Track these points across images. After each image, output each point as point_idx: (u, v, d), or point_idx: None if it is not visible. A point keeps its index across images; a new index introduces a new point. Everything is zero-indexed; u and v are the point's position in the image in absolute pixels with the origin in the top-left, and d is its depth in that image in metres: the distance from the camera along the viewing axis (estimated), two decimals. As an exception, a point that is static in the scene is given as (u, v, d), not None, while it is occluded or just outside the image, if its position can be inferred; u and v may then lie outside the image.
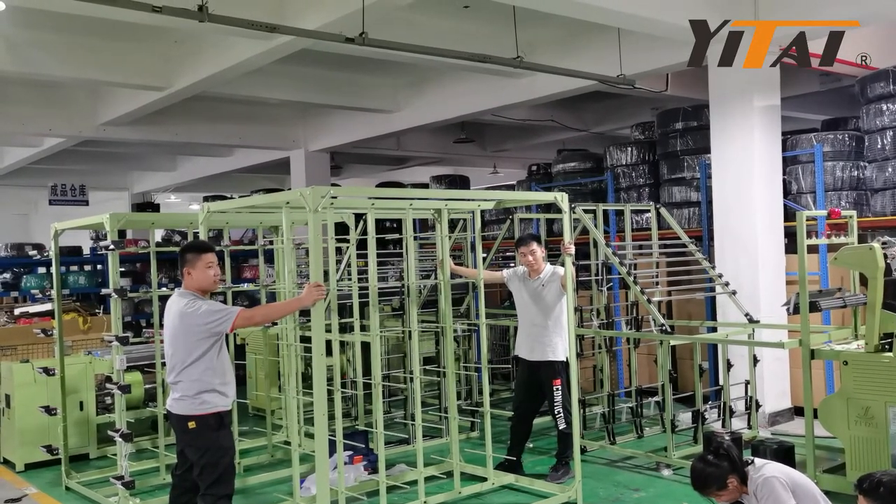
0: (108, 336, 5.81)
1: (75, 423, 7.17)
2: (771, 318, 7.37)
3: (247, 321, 4.49)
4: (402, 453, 6.85)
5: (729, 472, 4.08)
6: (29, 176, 17.52)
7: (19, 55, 8.61)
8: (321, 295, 4.38)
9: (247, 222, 7.80)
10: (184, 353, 4.42)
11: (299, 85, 10.89)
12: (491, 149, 16.53)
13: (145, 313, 12.15)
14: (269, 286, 7.49)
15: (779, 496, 3.95)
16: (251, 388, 8.69)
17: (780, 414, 7.74)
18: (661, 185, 9.95)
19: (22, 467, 7.07)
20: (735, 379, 7.02)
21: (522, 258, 6.19)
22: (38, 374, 6.99)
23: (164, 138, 13.28)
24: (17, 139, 14.11)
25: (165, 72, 9.49)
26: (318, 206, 4.36)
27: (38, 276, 12.17)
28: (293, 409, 5.18)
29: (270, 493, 6.10)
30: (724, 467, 4.08)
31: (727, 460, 4.11)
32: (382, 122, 12.49)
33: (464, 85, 10.86)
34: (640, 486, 6.02)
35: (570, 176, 11.56)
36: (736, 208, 7.78)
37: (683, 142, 9.55)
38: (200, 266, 4.52)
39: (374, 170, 19.22)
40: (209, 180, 19.10)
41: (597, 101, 12.85)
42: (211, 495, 4.40)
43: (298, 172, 14.64)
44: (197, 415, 4.39)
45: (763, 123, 7.72)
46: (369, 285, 5.40)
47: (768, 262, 7.70)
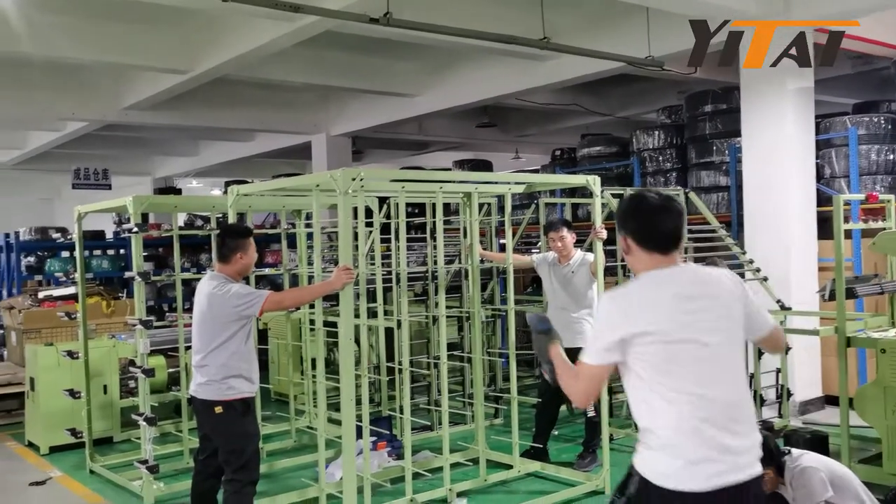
0: (132, 320, 5.78)
1: (99, 406, 7.17)
2: (802, 305, 7.22)
3: (276, 305, 4.44)
4: (425, 440, 6.79)
5: (765, 463, 3.96)
6: (52, 161, 17.59)
7: (42, 38, 8.58)
8: (350, 278, 4.31)
9: (270, 206, 7.75)
10: (211, 336, 4.38)
11: (321, 68, 10.80)
12: (513, 133, 16.38)
13: (168, 297, 12.18)
14: (291, 270, 7.44)
15: (814, 488, 3.84)
16: (274, 373, 8.67)
17: (811, 403, 7.60)
18: (689, 170, 9.78)
19: (46, 450, 7.09)
20: (764, 367, 6.88)
21: (552, 243, 6.08)
22: (62, 357, 7.00)
23: (186, 122, 13.26)
24: (41, 123, 14.15)
25: (188, 55, 9.44)
26: (349, 188, 4.28)
27: (62, 260, 12.23)
28: (321, 394, 5.11)
29: (295, 478, 6.06)
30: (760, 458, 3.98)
31: (763, 451, 4.00)
32: (405, 106, 12.38)
33: (487, 68, 10.72)
34: (668, 476, 5.91)
35: (595, 160, 11.40)
36: (767, 193, 7.61)
37: (713, 125, 9.37)
38: (251, 250, 4.53)
39: (396, 155, 19.13)
40: (230, 165, 19.10)
41: (621, 85, 12.65)
42: (237, 481, 4.36)
43: (320, 157, 14.58)
44: (224, 400, 4.35)
45: (796, 106, 7.54)
46: (399, 270, 5.33)
47: (800, 247, 7.55)
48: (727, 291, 2.64)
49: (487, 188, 6.25)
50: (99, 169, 16.17)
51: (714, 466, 2.44)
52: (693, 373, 2.50)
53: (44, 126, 14.42)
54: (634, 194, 2.76)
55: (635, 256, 2.67)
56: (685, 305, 2.54)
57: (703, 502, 2.43)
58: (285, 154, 17.20)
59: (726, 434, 2.48)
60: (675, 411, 2.49)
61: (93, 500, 5.85)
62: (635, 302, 2.59)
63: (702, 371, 2.50)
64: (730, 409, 2.52)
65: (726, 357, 2.56)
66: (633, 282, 2.70)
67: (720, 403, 2.50)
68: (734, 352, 2.60)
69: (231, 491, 4.37)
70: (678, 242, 2.64)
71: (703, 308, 2.55)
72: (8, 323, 9.65)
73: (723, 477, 2.44)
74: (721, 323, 2.57)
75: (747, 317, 2.66)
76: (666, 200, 2.65)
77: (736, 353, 2.60)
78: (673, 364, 2.51)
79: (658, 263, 2.62)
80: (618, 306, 2.62)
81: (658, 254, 2.62)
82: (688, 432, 2.46)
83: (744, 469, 2.49)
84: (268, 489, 5.71)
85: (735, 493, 2.45)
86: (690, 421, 2.47)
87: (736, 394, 2.55)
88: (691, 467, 2.44)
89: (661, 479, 2.48)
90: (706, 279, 2.65)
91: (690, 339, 2.51)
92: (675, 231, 2.63)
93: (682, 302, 2.55)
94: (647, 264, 2.64)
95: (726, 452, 2.47)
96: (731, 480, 2.45)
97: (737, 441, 2.50)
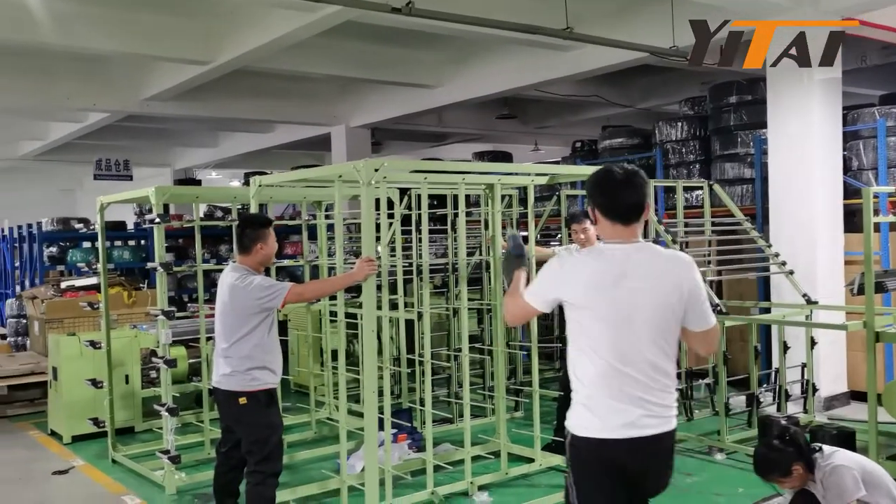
0: (154, 310, 5.78)
1: (121, 396, 7.20)
2: (828, 299, 7.11)
3: (298, 297, 4.42)
4: (445, 432, 6.76)
5: (794, 459, 3.91)
6: (74, 151, 17.70)
7: (64, 29, 8.60)
8: (373, 270, 4.28)
9: (290, 197, 7.73)
10: (233, 328, 4.36)
11: (341, 59, 10.76)
12: (533, 125, 16.28)
13: (187, 288, 12.24)
14: (311, 261, 7.43)
15: (845, 487, 3.78)
16: (293, 365, 8.68)
17: (836, 398, 7.50)
18: (713, 162, 9.66)
19: (69, 439, 7.14)
20: (790, 362, 6.79)
21: (575, 235, 6.01)
22: (84, 347, 7.03)
23: (206, 114, 13.28)
24: (63, 114, 14.22)
25: (208, 45, 9.44)
26: (372, 179, 4.24)
27: (84, 250, 12.31)
28: (342, 385, 5.10)
29: (315, 469, 6.06)
30: (790, 453, 3.92)
31: (793, 446, 3.94)
32: (424, 97, 12.32)
33: (508, 59, 10.63)
34: (692, 471, 5.86)
35: (616, 152, 11.29)
36: (793, 185, 7.50)
37: (737, 116, 9.24)
38: (271, 240, 4.50)
39: (415, 146, 19.08)
40: (249, 157, 19.15)
41: (643, 76, 12.52)
42: (259, 472, 4.35)
43: (339, 148, 14.57)
44: (248, 391, 4.33)
45: (823, 97, 7.41)
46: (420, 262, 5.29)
47: (827, 241, 7.43)
48: (671, 277, 2.86)
49: (510, 179, 6.19)
50: (120, 160, 16.26)
51: (622, 418, 2.80)
52: (611, 341, 2.80)
53: (65, 117, 14.50)
54: (601, 169, 2.95)
55: (601, 226, 2.92)
56: (616, 281, 2.80)
57: (613, 448, 2.82)
58: (304, 146, 17.21)
59: (636, 397, 2.80)
60: (595, 373, 2.82)
61: (115, 489, 5.88)
62: (572, 271, 2.89)
63: (620, 341, 2.79)
64: (642, 378, 2.81)
65: (647, 333, 2.81)
66: (582, 252, 3.07)
67: (635, 372, 2.80)
68: (658, 329, 2.83)
69: (253, 483, 4.36)
70: (639, 215, 2.87)
71: (633, 287, 2.80)
72: (31, 313, 9.73)
73: (630, 430, 2.80)
74: (649, 302, 2.81)
75: (688, 308, 2.88)
76: (630, 175, 2.87)
77: (659, 331, 2.83)
78: (594, 331, 2.82)
79: (620, 234, 2.86)
80: (560, 269, 2.93)
81: (620, 224, 2.86)
82: (604, 392, 2.81)
83: (653, 427, 2.82)
84: (288, 480, 5.71)
85: (642, 443, 2.81)
86: (607, 382, 2.80)
87: (651, 367, 2.82)
88: (605, 420, 2.81)
89: (581, 431, 2.87)
90: (649, 260, 2.86)
91: (614, 311, 2.79)
92: (637, 204, 2.86)
93: (614, 278, 2.80)
94: (609, 234, 2.88)
95: (637, 410, 2.80)
96: (641, 434, 2.81)
97: (646, 402, 2.81)
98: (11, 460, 6.81)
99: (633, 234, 2.87)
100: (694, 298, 2.88)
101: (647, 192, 2.92)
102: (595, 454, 2.86)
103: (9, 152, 18.55)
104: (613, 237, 2.87)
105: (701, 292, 2.91)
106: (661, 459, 2.95)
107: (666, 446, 2.92)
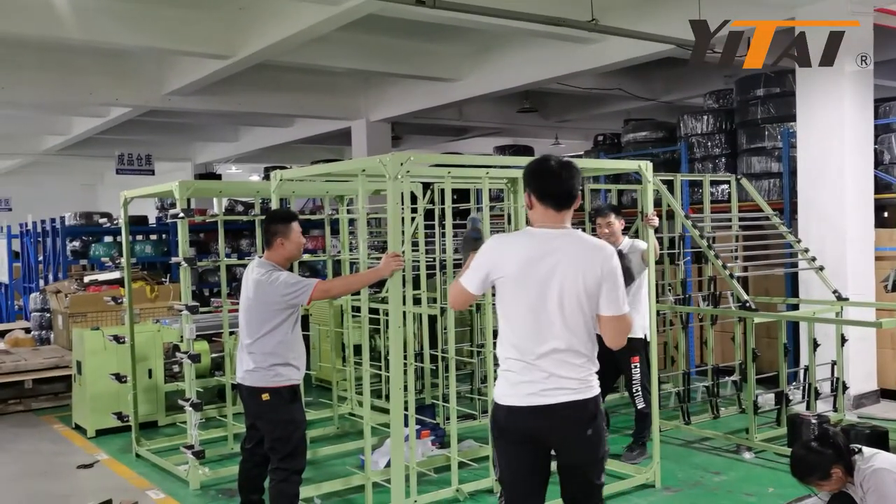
0: (178, 305, 5.77)
1: (144, 390, 7.21)
2: (858, 295, 6.98)
3: (324, 293, 4.39)
4: (468, 428, 6.71)
5: (834, 461, 3.80)
6: (96, 146, 17.79)
7: (87, 23, 8.61)
8: (399, 266, 4.23)
9: (312, 192, 7.69)
10: (258, 324, 4.33)
11: (362, 53, 10.72)
12: (553, 119, 16.15)
13: (209, 283, 12.26)
14: (334, 256, 7.40)
15: (887, 491, 3.67)
16: (315, 360, 8.65)
17: (866, 396, 7.38)
18: (739, 155, 9.52)
19: (93, 433, 7.16)
20: (819, 360, 6.67)
21: (600, 230, 5.92)
22: (108, 341, 7.05)
23: (227, 108, 13.28)
24: (85, 109, 14.29)
25: (230, 40, 9.43)
26: (398, 173, 4.18)
27: (107, 245, 12.35)
28: (365, 381, 5.06)
29: (338, 465, 6.04)
30: (829, 455, 3.81)
31: (833, 448, 3.83)
32: (445, 91, 12.24)
33: (530, 52, 10.52)
34: (720, 469, 5.77)
35: (640, 146, 11.17)
36: (823, 179, 7.36)
37: (764, 109, 9.10)
38: (294, 235, 4.45)
39: (434, 140, 19.01)
40: (269, 151, 19.16)
41: (666, 69, 12.34)
42: (283, 469, 4.32)
43: (360, 143, 14.52)
44: (271, 387, 4.30)
45: (854, 89, 7.27)
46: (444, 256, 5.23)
47: (857, 236, 7.30)
48: (591, 261, 3.07)
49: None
50: (142, 154, 16.31)
51: (530, 388, 3.07)
52: (525, 317, 3.08)
53: (87, 112, 14.57)
54: (538, 158, 3.22)
55: (535, 210, 3.16)
56: (534, 262, 3.06)
57: (519, 414, 3.10)
58: (324, 140, 17.18)
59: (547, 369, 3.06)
60: (511, 346, 3.12)
61: (139, 483, 5.88)
62: (500, 251, 3.18)
63: (535, 317, 3.06)
64: (552, 353, 3.06)
65: (558, 310, 3.05)
66: (512, 234, 3.49)
67: (546, 347, 3.05)
68: (570, 307, 3.05)
69: (277, 479, 4.34)
70: (570, 202, 3.13)
71: (550, 268, 3.05)
72: (55, 307, 9.78)
73: (536, 398, 3.07)
74: (563, 283, 3.04)
75: (601, 293, 3.08)
76: (563, 165, 3.13)
77: (571, 309, 3.05)
78: (512, 307, 3.12)
79: (551, 219, 3.13)
80: (490, 250, 3.22)
81: (552, 210, 3.12)
82: (517, 362, 3.10)
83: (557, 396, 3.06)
84: (311, 476, 5.69)
85: (546, 410, 3.06)
86: (521, 355, 3.08)
87: (562, 341, 3.06)
88: (515, 388, 3.11)
89: (499, 398, 3.18)
90: (573, 244, 3.11)
91: (528, 289, 3.06)
92: (567, 192, 3.11)
93: (533, 259, 3.07)
94: (542, 218, 3.14)
95: (543, 382, 3.06)
96: (543, 402, 3.06)
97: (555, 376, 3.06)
98: (37, 454, 6.84)
99: (562, 220, 3.13)
100: (610, 284, 3.08)
101: (578, 183, 3.14)
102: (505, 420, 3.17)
103: (32, 147, 18.71)
104: (544, 221, 3.13)
105: (617, 279, 3.11)
106: (567, 427, 3.11)
107: (572, 415, 3.09)
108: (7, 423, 7.83)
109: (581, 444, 3.13)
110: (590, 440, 3.13)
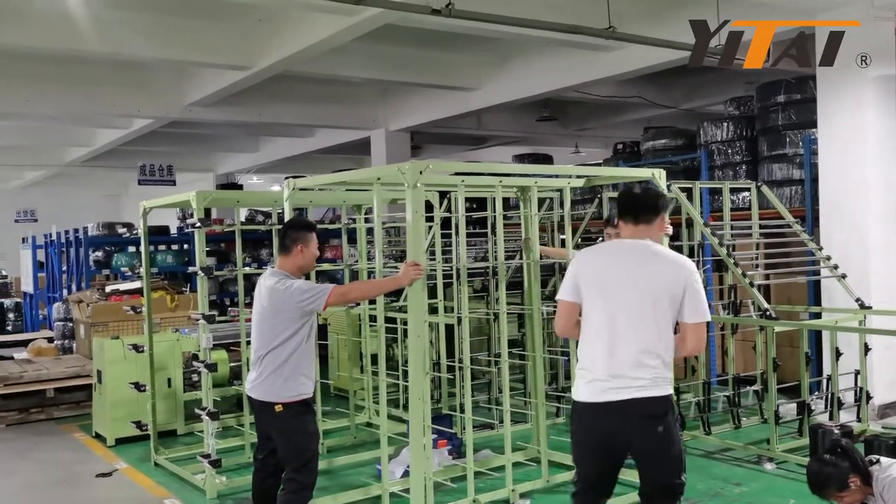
0: (195, 314, 5.80)
1: (163, 399, 7.25)
2: (883, 303, 6.86)
3: (341, 298, 4.35)
4: (485, 438, 6.67)
5: (849, 473, 3.75)
6: (119, 157, 18.02)
7: (108, 36, 8.73)
8: (419, 275, 4.21)
9: (329, 201, 7.71)
10: (272, 334, 4.31)
11: (380, 63, 10.76)
12: (573, 127, 16.11)
13: (230, 292, 12.32)
14: (351, 266, 7.40)
15: (907, 500, 3.60)
16: (333, 369, 8.66)
17: (890, 406, 7.24)
18: (760, 163, 9.43)
19: (113, 442, 7.21)
20: (843, 369, 6.56)
21: (608, 238, 5.88)
22: (127, 350, 7.09)
23: (247, 119, 13.41)
24: (108, 121, 14.48)
25: (249, 51, 9.51)
26: (417, 181, 4.16)
27: (128, 255, 12.46)
28: (382, 390, 5.04)
29: (354, 475, 6.02)
30: (844, 467, 3.76)
31: (847, 460, 3.77)
32: (464, 100, 12.26)
33: (549, 60, 10.51)
34: (741, 480, 5.69)
35: (660, 153, 11.10)
36: (845, 186, 7.26)
37: (785, 116, 9.01)
38: (312, 245, 4.44)
39: (453, 150, 19.03)
40: (290, 161, 19.28)
41: (686, 76, 12.30)
42: (297, 481, 4.29)
43: (379, 152, 14.57)
44: (284, 401, 4.27)
45: (877, 95, 7.17)
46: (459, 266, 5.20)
47: (880, 243, 7.19)
48: (660, 272, 3.45)
49: (546, 182, 6.08)
50: (164, 165, 16.49)
51: (603, 385, 3.40)
52: (604, 319, 3.45)
53: (110, 123, 14.75)
54: (627, 185, 3.99)
55: (620, 225, 3.67)
56: (613, 269, 3.51)
57: (593, 410, 3.44)
58: (344, 150, 17.27)
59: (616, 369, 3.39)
60: (588, 345, 3.50)
61: (157, 492, 5.91)
62: (584, 259, 3.69)
63: (612, 319, 3.42)
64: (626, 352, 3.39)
65: (631, 314, 3.41)
66: (599, 245, 4.11)
67: (620, 346, 3.39)
68: (641, 312, 3.41)
69: (289, 490, 4.31)
70: (644, 217, 3.57)
71: (626, 274, 3.47)
72: (77, 316, 9.88)
73: (608, 394, 3.39)
74: (636, 289, 3.42)
75: (684, 302, 3.41)
76: (639, 187, 3.79)
77: (641, 315, 3.41)
78: (592, 309, 3.51)
79: (630, 232, 3.60)
80: (576, 259, 3.72)
81: (631, 224, 3.60)
82: (591, 361, 3.46)
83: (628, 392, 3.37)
84: (328, 486, 5.68)
85: (617, 406, 3.37)
86: (595, 353, 3.45)
87: (634, 342, 3.39)
88: (588, 385, 3.46)
89: (575, 395, 3.54)
90: (644, 256, 3.50)
91: (607, 293, 3.46)
92: (642, 208, 3.58)
93: (612, 266, 3.53)
94: (624, 232, 3.63)
95: (614, 379, 3.38)
96: (615, 398, 3.37)
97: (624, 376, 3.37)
98: (57, 462, 6.90)
99: (638, 234, 3.56)
100: (688, 296, 3.40)
101: (652, 201, 3.63)
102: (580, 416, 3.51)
103: (56, 158, 18.98)
104: (626, 235, 3.61)
105: (695, 291, 3.42)
106: (638, 423, 3.38)
107: (642, 411, 3.36)
108: (28, 432, 7.91)
109: (652, 440, 3.37)
110: (661, 437, 3.36)
